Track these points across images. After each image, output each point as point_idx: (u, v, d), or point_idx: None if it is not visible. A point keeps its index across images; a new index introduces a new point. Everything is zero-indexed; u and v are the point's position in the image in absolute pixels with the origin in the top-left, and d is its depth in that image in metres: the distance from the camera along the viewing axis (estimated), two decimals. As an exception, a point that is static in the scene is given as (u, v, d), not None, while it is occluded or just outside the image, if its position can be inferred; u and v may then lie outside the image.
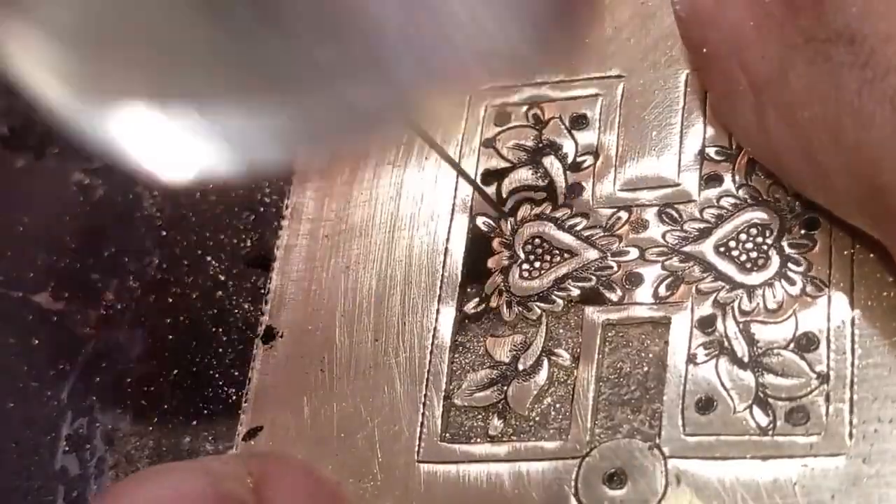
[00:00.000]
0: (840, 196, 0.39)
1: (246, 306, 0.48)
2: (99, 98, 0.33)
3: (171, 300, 0.49)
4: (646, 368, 0.41)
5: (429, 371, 0.43)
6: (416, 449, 0.42)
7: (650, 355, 0.41)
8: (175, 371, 0.47)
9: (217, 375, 0.47)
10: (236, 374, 0.46)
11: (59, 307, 0.50)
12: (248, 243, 0.49)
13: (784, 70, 0.38)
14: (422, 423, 0.42)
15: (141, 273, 0.50)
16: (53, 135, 0.53)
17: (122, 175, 0.51)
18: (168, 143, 0.33)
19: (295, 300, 0.46)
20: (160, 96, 0.33)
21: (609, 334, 0.42)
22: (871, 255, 0.40)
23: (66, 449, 0.47)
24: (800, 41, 0.38)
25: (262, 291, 0.47)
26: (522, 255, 0.44)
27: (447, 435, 0.42)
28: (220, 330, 0.47)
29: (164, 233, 0.50)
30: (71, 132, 0.34)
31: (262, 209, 0.49)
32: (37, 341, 0.50)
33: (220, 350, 0.47)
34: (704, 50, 0.41)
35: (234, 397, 0.46)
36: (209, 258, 0.49)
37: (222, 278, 0.49)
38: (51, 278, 0.51)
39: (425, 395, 0.43)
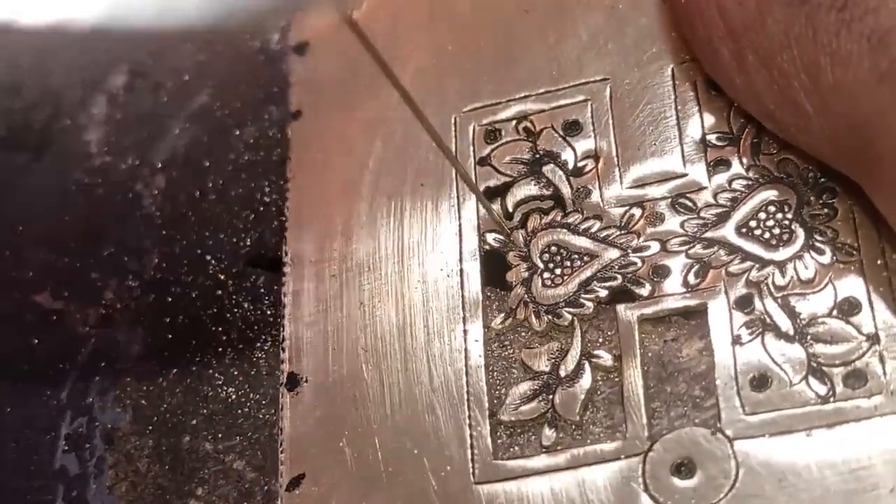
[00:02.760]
0: (818, 137, 0.40)
1: (246, 306, 0.47)
2: None
3: (171, 300, 0.48)
4: (691, 356, 0.41)
5: (468, 392, 0.42)
6: (471, 471, 0.41)
7: (693, 342, 0.41)
8: (175, 371, 0.46)
9: (217, 375, 0.46)
10: (235, 373, 0.46)
11: (59, 307, 0.49)
12: (248, 243, 0.48)
13: (762, 14, 0.40)
14: (471, 445, 0.41)
15: (141, 273, 0.49)
16: (53, 135, 0.52)
17: (122, 175, 0.51)
18: None
19: (313, 343, 0.45)
20: None
21: (647, 328, 0.42)
22: None
23: (66, 448, 0.47)
24: None
25: (263, 291, 0.47)
26: (541, 265, 0.44)
27: (500, 452, 0.41)
28: (220, 330, 0.47)
29: (164, 233, 0.49)
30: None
31: (261, 209, 0.49)
32: (37, 341, 0.49)
33: (220, 350, 0.46)
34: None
35: (233, 397, 0.45)
36: (209, 258, 0.48)
37: (222, 278, 0.48)
38: (51, 278, 0.50)
39: (469, 416, 0.42)
